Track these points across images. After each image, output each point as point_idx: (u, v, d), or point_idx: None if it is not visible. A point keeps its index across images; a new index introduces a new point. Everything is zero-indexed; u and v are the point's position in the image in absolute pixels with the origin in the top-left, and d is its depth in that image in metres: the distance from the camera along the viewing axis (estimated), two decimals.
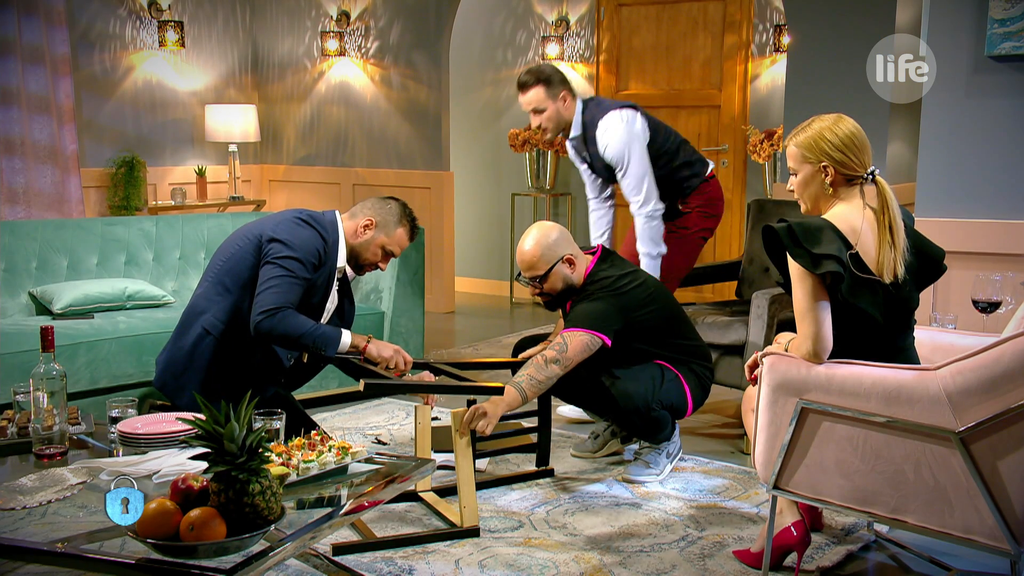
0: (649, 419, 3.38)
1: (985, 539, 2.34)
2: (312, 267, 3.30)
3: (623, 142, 4.05)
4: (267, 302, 3.17)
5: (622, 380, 3.38)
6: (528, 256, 3.46)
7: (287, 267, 3.24)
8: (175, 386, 3.34)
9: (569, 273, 3.47)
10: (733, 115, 6.63)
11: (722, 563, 2.89)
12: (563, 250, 3.46)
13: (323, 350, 3.21)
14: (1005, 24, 3.52)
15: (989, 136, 3.66)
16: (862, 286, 2.53)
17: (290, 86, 7.61)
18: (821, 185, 2.62)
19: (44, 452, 2.61)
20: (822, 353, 2.50)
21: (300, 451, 2.49)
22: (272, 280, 3.22)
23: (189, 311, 3.40)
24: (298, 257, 3.26)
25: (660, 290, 3.56)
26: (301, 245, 3.29)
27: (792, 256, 2.50)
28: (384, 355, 3.28)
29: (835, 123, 2.61)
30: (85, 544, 2.11)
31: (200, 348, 3.32)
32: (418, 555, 2.91)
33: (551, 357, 3.25)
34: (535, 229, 3.52)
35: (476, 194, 7.72)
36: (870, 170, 2.60)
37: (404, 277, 4.74)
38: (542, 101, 4.12)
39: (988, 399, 2.25)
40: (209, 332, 3.31)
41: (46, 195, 6.14)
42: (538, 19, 7.29)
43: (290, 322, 3.16)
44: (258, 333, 3.18)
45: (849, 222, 2.56)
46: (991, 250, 3.62)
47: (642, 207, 4.04)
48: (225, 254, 3.41)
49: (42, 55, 6.09)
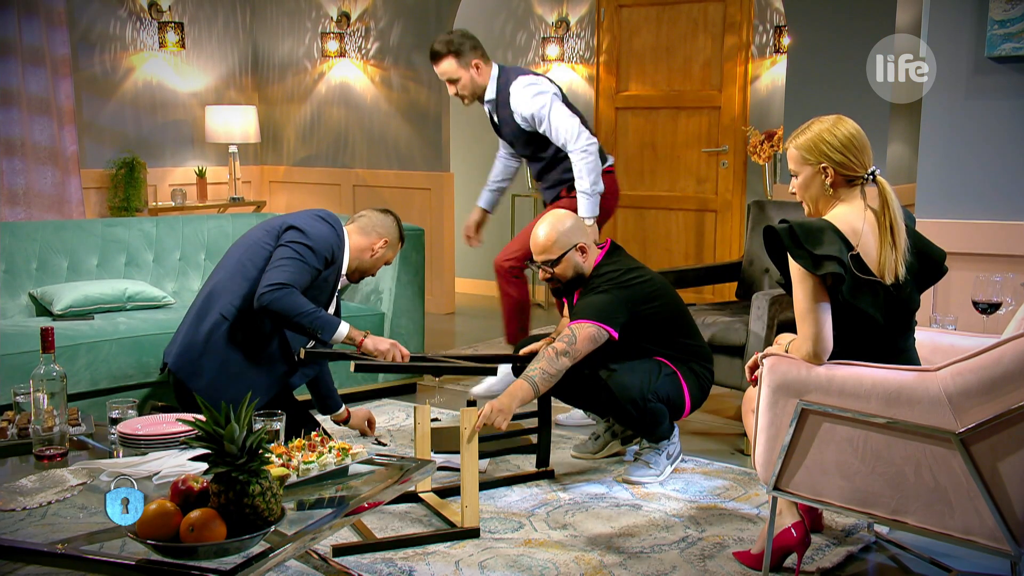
0: (645, 411, 3.38)
1: (985, 540, 2.34)
2: (325, 261, 3.38)
3: (535, 98, 4.19)
4: (274, 278, 3.26)
5: (618, 373, 3.39)
6: (543, 240, 3.52)
7: (299, 252, 3.34)
8: (191, 371, 3.38)
9: (581, 261, 3.52)
10: (733, 116, 6.63)
11: (722, 564, 2.89)
12: (577, 238, 3.51)
13: (319, 333, 3.27)
14: (1005, 25, 3.52)
15: (989, 137, 3.66)
16: (863, 287, 2.53)
17: (290, 87, 7.62)
18: (821, 186, 2.63)
19: (44, 453, 2.61)
20: (822, 354, 2.50)
21: (300, 452, 2.50)
22: (283, 260, 3.32)
23: (206, 297, 3.46)
24: (312, 246, 3.36)
25: (666, 288, 3.58)
26: (318, 237, 3.40)
27: (793, 257, 2.50)
28: (381, 348, 3.33)
29: (834, 125, 2.62)
30: (85, 545, 2.11)
31: (217, 334, 3.38)
32: (418, 556, 2.91)
33: (561, 350, 3.29)
34: (551, 215, 3.60)
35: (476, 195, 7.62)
36: (871, 171, 2.61)
37: (404, 278, 4.74)
38: (455, 71, 4.27)
39: (988, 400, 2.25)
40: (226, 318, 3.38)
41: (46, 196, 6.15)
42: (538, 20, 7.29)
43: (292, 300, 3.23)
44: (260, 307, 3.26)
45: (850, 223, 2.56)
46: (991, 251, 3.62)
47: (576, 143, 4.15)
48: (244, 244, 3.51)
49: (42, 56, 6.09)
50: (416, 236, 4.83)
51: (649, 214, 7.04)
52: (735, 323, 4.01)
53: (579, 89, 7.20)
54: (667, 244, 6.99)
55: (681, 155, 6.90)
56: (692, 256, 6.89)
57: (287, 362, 3.49)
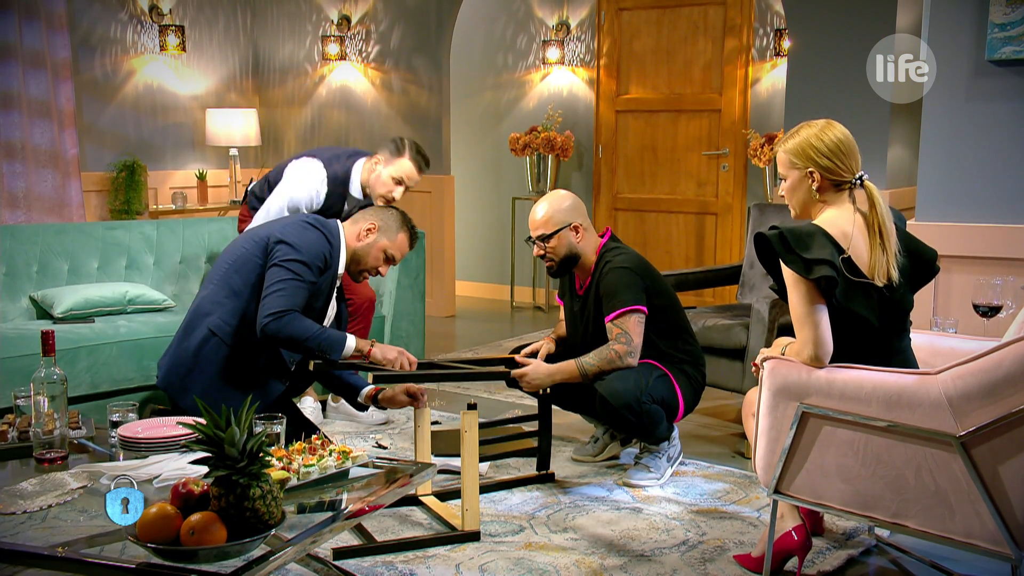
0: (642, 413, 3.37)
1: (986, 543, 2.33)
2: (318, 271, 3.32)
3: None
4: (274, 305, 3.19)
5: (611, 379, 3.39)
6: (538, 216, 3.57)
7: (294, 270, 3.26)
8: (180, 387, 3.34)
9: (575, 241, 3.54)
10: (734, 119, 6.64)
11: (723, 567, 2.89)
12: (572, 217, 3.55)
13: (328, 354, 3.23)
14: (1005, 28, 3.53)
15: (989, 140, 3.66)
16: (856, 290, 2.53)
17: (291, 90, 7.62)
18: (808, 191, 2.64)
19: (45, 456, 2.61)
20: (824, 357, 2.50)
21: (301, 455, 2.49)
22: (279, 284, 3.23)
23: (194, 312, 3.40)
24: (305, 261, 3.28)
25: (669, 287, 3.63)
26: (308, 249, 3.31)
27: (785, 263, 2.51)
28: (389, 357, 3.29)
29: (823, 130, 2.63)
30: (85, 548, 2.11)
31: (206, 350, 3.33)
32: (419, 559, 2.91)
33: (623, 352, 3.39)
34: (551, 194, 3.64)
35: (477, 198, 7.72)
36: (858, 175, 2.62)
37: (405, 281, 4.74)
38: None
39: (989, 403, 2.25)
40: (215, 333, 3.32)
41: (47, 199, 6.15)
42: (539, 23, 7.30)
43: (297, 325, 3.18)
44: (265, 335, 3.20)
45: (840, 227, 2.57)
46: (992, 254, 3.62)
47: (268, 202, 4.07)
48: (231, 256, 3.42)
49: (43, 59, 6.10)
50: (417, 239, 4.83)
51: (649, 217, 7.05)
52: (735, 326, 4.01)
53: (579, 92, 7.20)
54: (667, 247, 6.99)
55: (681, 158, 6.90)
56: (692, 259, 6.89)
57: (278, 376, 3.45)
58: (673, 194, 6.96)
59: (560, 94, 7.26)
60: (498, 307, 7.41)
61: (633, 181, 7.10)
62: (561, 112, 7.12)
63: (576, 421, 4.20)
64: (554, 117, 7.06)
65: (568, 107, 7.20)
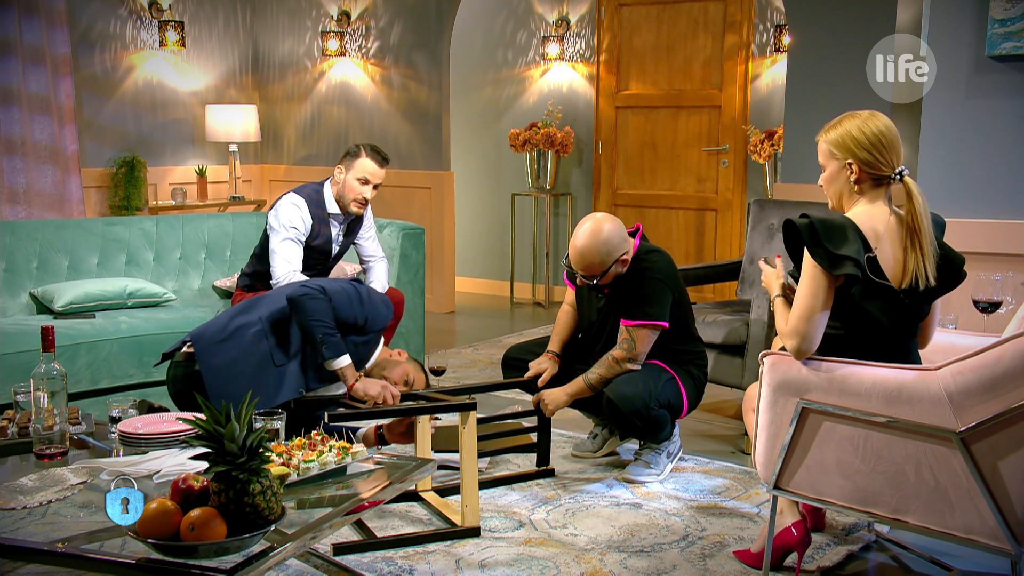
0: (649, 419, 3.39)
1: (986, 539, 2.34)
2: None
3: None
4: (314, 283, 3.40)
5: (617, 383, 3.39)
6: (587, 260, 3.42)
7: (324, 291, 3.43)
8: (209, 350, 3.33)
9: (622, 271, 3.51)
10: (734, 115, 6.63)
11: (722, 563, 2.89)
12: (618, 252, 3.43)
13: (324, 348, 3.29)
14: (1006, 24, 3.52)
15: (990, 136, 3.66)
16: (875, 291, 2.52)
17: (290, 86, 7.62)
18: (846, 182, 2.61)
19: (44, 452, 2.61)
20: (806, 354, 2.51)
21: (300, 451, 2.50)
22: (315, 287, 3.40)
23: (259, 298, 3.53)
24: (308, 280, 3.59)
25: (686, 289, 3.63)
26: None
27: (811, 254, 2.48)
28: (371, 393, 3.32)
29: (865, 121, 2.58)
30: (85, 544, 2.11)
31: (248, 332, 3.37)
32: (419, 555, 2.91)
33: (622, 357, 3.43)
34: (591, 233, 3.41)
35: (477, 194, 7.72)
36: (899, 170, 2.57)
37: (405, 277, 4.74)
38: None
39: (989, 399, 2.25)
40: (261, 320, 3.39)
41: (47, 195, 6.15)
42: (538, 19, 7.29)
43: (320, 306, 3.30)
44: (290, 300, 3.34)
45: (872, 224, 2.54)
46: (992, 250, 3.61)
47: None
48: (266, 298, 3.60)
49: (43, 55, 6.09)
50: (416, 235, 4.83)
51: (649, 213, 7.04)
52: (735, 322, 4.01)
53: (579, 88, 7.20)
54: (667, 243, 6.99)
55: (681, 154, 6.90)
56: (692, 255, 6.89)
57: (297, 383, 3.44)
58: (673, 190, 6.96)
59: (560, 90, 7.25)
60: (498, 303, 7.41)
61: (633, 177, 7.09)
62: (561, 108, 7.12)
63: (575, 417, 4.20)
64: (554, 113, 7.06)
65: (568, 103, 7.20)
